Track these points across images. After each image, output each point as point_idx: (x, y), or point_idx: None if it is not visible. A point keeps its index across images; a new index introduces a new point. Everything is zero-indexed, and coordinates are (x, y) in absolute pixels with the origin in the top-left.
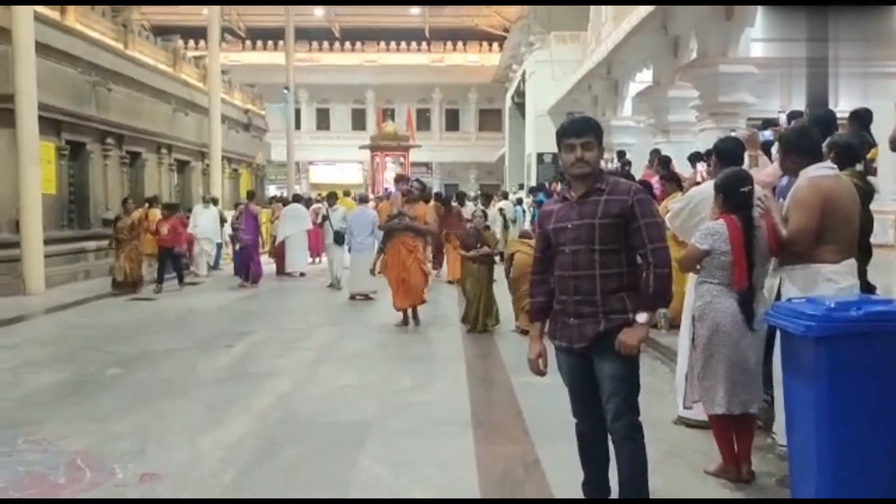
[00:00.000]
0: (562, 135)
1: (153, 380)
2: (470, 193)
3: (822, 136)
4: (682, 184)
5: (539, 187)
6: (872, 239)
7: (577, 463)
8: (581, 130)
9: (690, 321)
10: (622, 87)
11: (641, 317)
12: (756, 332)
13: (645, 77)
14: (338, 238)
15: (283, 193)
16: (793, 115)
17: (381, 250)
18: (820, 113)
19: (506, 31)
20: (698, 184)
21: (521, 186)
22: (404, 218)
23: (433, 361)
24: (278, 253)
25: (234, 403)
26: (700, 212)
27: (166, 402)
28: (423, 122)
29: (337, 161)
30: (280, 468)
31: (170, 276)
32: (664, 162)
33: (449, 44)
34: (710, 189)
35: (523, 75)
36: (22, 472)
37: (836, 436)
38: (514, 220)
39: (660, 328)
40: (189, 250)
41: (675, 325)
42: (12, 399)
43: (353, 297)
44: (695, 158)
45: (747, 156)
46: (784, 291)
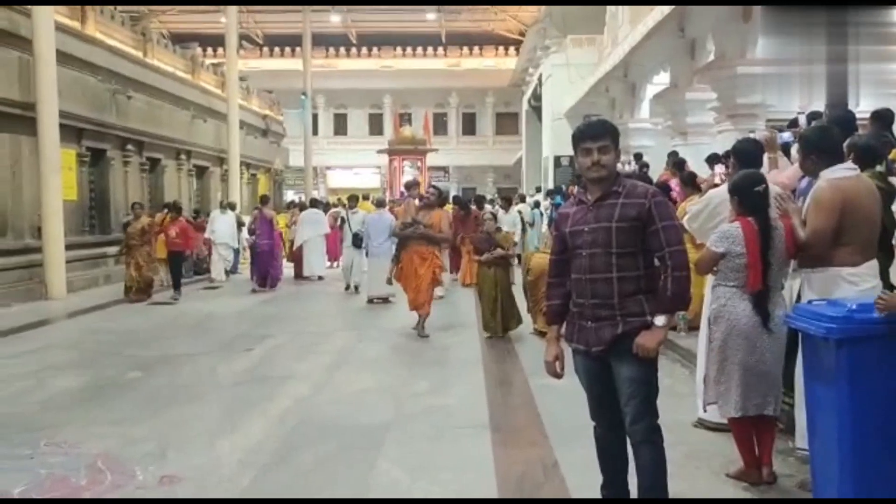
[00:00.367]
0: (578, 138)
1: (173, 384)
2: (487, 196)
3: (842, 136)
4: (700, 186)
5: (556, 190)
6: (895, 240)
7: (596, 466)
8: (597, 134)
9: (708, 324)
10: (639, 89)
11: (660, 320)
12: (773, 333)
13: (662, 79)
14: (356, 241)
15: (301, 198)
16: (812, 116)
17: (396, 258)
18: (839, 113)
19: (522, 34)
20: (716, 186)
21: (538, 189)
22: (419, 226)
23: (451, 365)
24: (296, 257)
25: (253, 407)
26: (719, 213)
27: (185, 405)
28: (440, 126)
29: (354, 166)
30: (298, 471)
31: (188, 279)
32: (679, 164)
33: (465, 48)
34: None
35: (540, 79)
36: (44, 475)
37: (857, 438)
38: (532, 223)
39: (679, 331)
40: (207, 255)
41: (694, 328)
42: (34, 402)
43: (370, 301)
44: (712, 160)
45: (767, 158)
46: (804, 294)
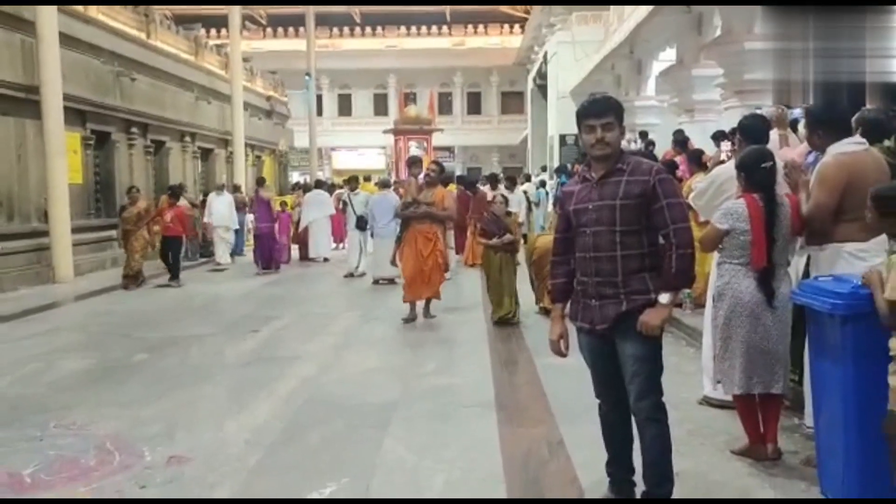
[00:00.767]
0: (582, 116)
1: (180, 365)
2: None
3: (850, 111)
4: (707, 163)
5: (562, 169)
6: None
7: (601, 443)
8: (601, 111)
9: (712, 301)
10: (645, 66)
11: (664, 297)
12: (777, 310)
13: (668, 56)
14: (360, 223)
15: (307, 180)
16: None
17: (398, 240)
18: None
19: (527, 12)
20: (722, 163)
21: (543, 169)
22: (420, 206)
23: (456, 345)
24: (302, 239)
25: (260, 387)
26: (725, 191)
27: (193, 386)
28: (445, 105)
29: (359, 147)
30: (305, 450)
31: (193, 262)
32: (681, 142)
33: (470, 27)
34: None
35: (545, 57)
36: (53, 456)
37: (862, 414)
38: (538, 202)
39: (684, 309)
40: (204, 238)
41: (700, 306)
42: (43, 384)
43: (376, 282)
44: (719, 137)
45: (777, 135)
46: (812, 270)
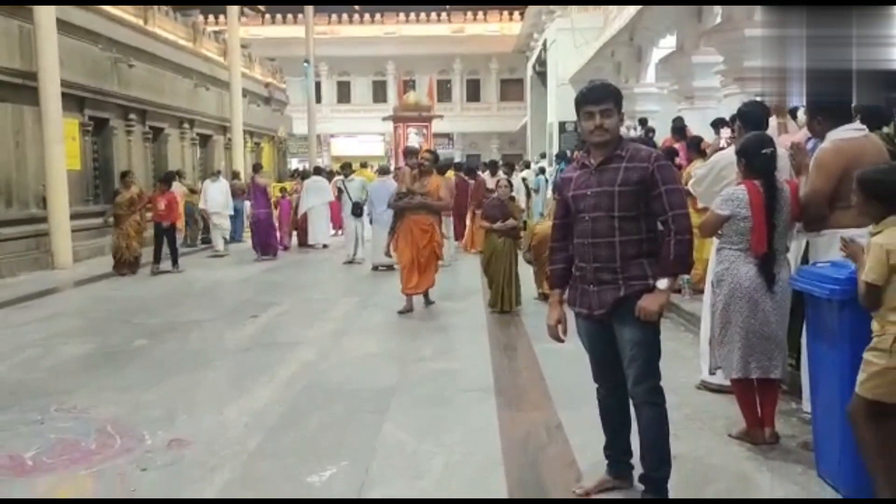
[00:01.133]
0: (581, 102)
1: (180, 350)
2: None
3: (849, 99)
4: (706, 150)
5: (562, 156)
6: None
7: (599, 427)
8: (600, 97)
9: (711, 287)
10: (645, 53)
11: (662, 283)
12: (776, 296)
13: (668, 43)
14: (355, 210)
15: (305, 167)
16: None
17: (392, 229)
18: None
19: (526, 5)
20: (722, 149)
21: (542, 156)
22: (415, 196)
23: (455, 330)
24: (301, 225)
25: (260, 372)
26: (725, 177)
27: (193, 371)
28: (445, 92)
29: (358, 133)
30: (305, 434)
31: (191, 248)
32: (679, 130)
33: (469, 13)
34: (735, 154)
35: (544, 44)
36: (54, 439)
37: None
38: (537, 189)
39: (683, 295)
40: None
41: (698, 292)
42: (44, 369)
43: (375, 269)
44: (718, 124)
45: (776, 122)
46: (810, 256)
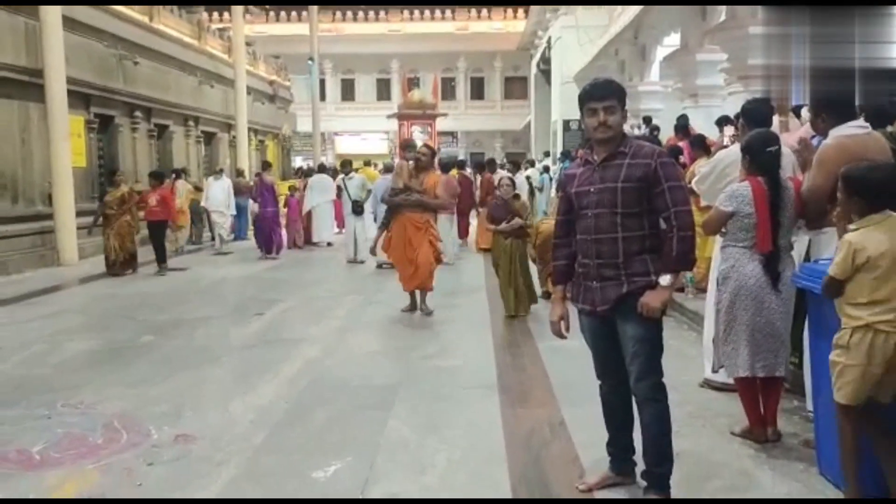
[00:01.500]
0: (584, 99)
1: (186, 347)
2: (499, 161)
3: (854, 97)
4: (710, 148)
5: (566, 154)
6: None
7: (602, 424)
8: (603, 94)
9: (716, 285)
10: (649, 51)
11: (665, 279)
12: (781, 294)
13: (673, 41)
14: (355, 208)
15: (309, 164)
16: None
17: (384, 226)
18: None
19: (529, 5)
20: (726, 147)
21: (546, 154)
22: (411, 193)
23: (459, 328)
24: (304, 223)
25: (265, 369)
26: (728, 175)
27: (199, 367)
28: (449, 90)
29: (362, 131)
30: (310, 430)
31: (196, 246)
32: (682, 128)
33: (473, 11)
34: (738, 152)
35: (549, 42)
36: (61, 434)
37: None
38: (541, 188)
39: (687, 293)
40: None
41: (702, 290)
42: (50, 365)
43: (379, 266)
44: (723, 122)
45: (778, 121)
46: (813, 254)
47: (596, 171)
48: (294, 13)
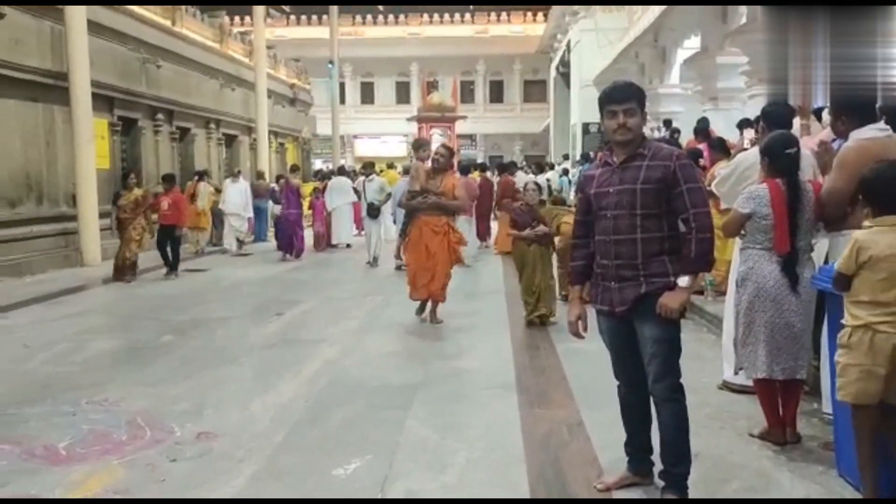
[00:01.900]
0: (604, 101)
1: (207, 346)
2: (518, 163)
3: (874, 99)
4: (730, 150)
5: (585, 157)
6: None
7: (620, 425)
8: (623, 97)
9: (735, 286)
10: (670, 54)
11: (683, 280)
12: (801, 296)
13: (693, 44)
14: (370, 211)
15: (329, 167)
16: None
17: (403, 233)
18: None
19: (549, 5)
20: (745, 150)
21: (565, 157)
22: (428, 196)
23: (477, 329)
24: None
25: (285, 369)
26: (748, 177)
27: (219, 367)
28: (468, 93)
29: (381, 134)
30: (329, 429)
31: (216, 248)
32: (701, 131)
33: (493, 14)
34: (758, 154)
35: (568, 45)
36: (86, 430)
37: None
38: (560, 190)
39: (706, 296)
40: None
41: (721, 293)
42: (75, 363)
43: (398, 268)
44: (743, 125)
45: (799, 124)
46: (831, 255)
47: (615, 172)
48: (315, 17)
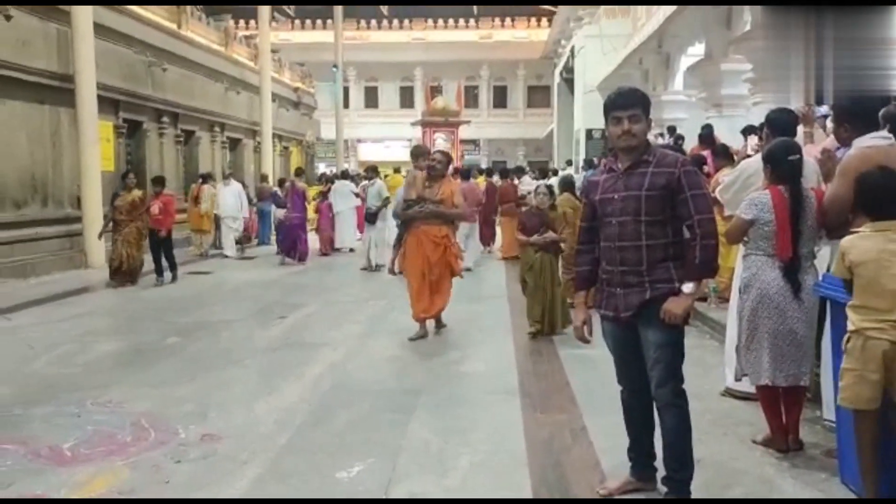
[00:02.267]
0: (609, 107)
1: (210, 348)
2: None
3: (877, 105)
4: (734, 157)
5: (589, 163)
6: None
7: (623, 430)
8: (628, 103)
9: (739, 293)
10: (673, 60)
11: (688, 287)
12: (803, 303)
13: (697, 51)
14: (368, 216)
15: (333, 171)
16: None
17: (398, 243)
18: None
19: (554, 5)
20: (749, 157)
21: (569, 163)
22: (426, 204)
23: (481, 334)
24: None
25: (288, 371)
26: (752, 184)
27: (223, 369)
28: (471, 98)
29: (385, 139)
30: (333, 432)
31: (218, 251)
32: (706, 137)
33: (497, 20)
34: (761, 161)
35: (572, 50)
36: (91, 431)
37: None
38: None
39: (709, 303)
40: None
41: (724, 300)
42: (79, 365)
43: (401, 272)
44: (747, 132)
45: (803, 132)
46: (833, 263)
47: (620, 178)
48: (319, 21)
